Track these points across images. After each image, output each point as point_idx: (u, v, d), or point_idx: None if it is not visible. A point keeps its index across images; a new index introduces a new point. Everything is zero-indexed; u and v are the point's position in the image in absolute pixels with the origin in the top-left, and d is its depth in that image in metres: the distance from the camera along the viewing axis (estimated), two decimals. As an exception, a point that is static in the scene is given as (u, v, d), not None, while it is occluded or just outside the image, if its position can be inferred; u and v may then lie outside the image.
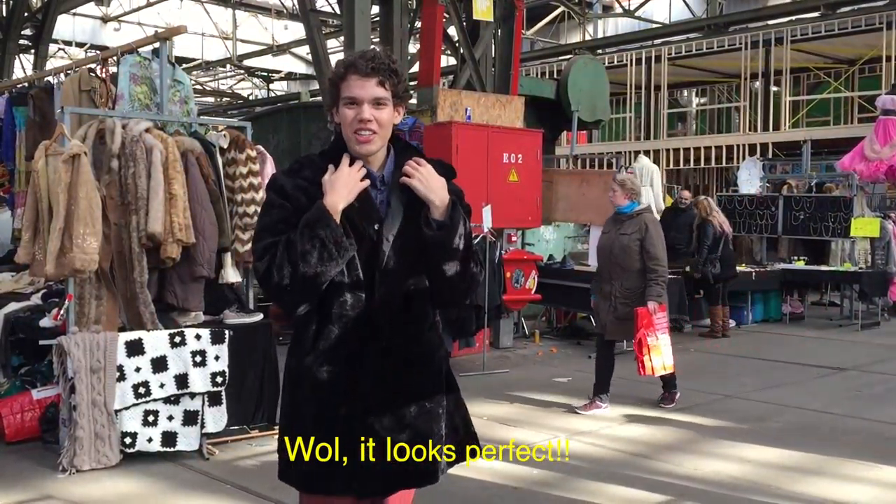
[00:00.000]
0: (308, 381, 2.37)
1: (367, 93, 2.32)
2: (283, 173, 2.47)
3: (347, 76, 2.33)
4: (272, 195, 2.39)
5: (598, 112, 12.08)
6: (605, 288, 6.46)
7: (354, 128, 2.33)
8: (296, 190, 2.36)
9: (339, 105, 2.36)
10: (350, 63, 2.34)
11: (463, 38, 9.61)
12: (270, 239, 2.30)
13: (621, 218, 6.45)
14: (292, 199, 2.34)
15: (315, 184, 2.35)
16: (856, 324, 11.05)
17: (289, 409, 2.44)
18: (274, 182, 2.43)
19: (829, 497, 4.55)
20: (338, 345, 2.35)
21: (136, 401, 4.97)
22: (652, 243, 6.25)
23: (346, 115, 2.34)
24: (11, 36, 15.25)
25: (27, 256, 5.23)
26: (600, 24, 24.64)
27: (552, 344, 9.52)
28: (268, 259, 2.28)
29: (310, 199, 2.32)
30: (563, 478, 4.86)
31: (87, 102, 5.80)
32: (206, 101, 27.64)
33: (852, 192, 11.91)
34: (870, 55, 17.84)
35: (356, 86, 2.32)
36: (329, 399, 2.35)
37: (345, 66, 2.35)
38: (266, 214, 2.39)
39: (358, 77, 2.32)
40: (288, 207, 2.33)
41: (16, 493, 4.49)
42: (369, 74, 2.32)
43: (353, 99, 2.32)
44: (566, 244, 11.78)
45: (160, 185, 5.09)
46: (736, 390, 7.19)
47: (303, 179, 2.38)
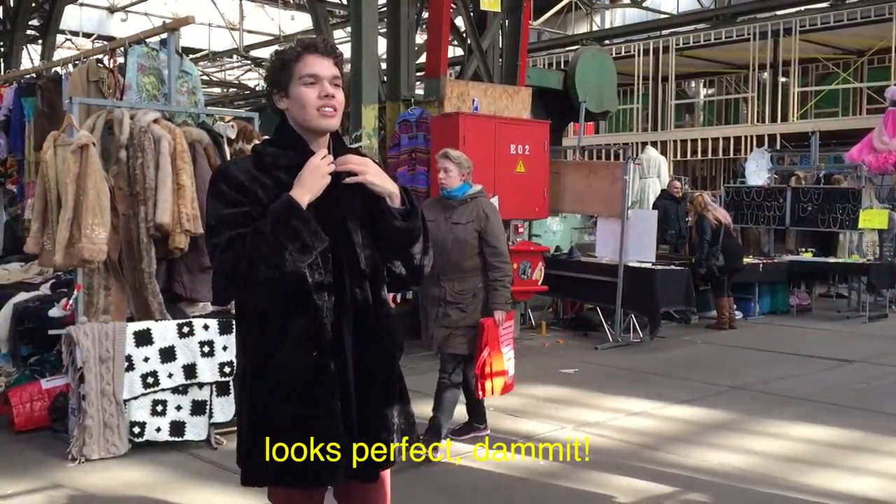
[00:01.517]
0: (283, 375, 2.33)
1: (328, 71, 2.34)
2: (234, 165, 2.44)
3: (304, 55, 2.34)
4: (223, 187, 2.31)
5: (606, 103, 12.05)
6: (432, 291, 5.16)
7: (318, 104, 2.33)
8: (251, 182, 2.31)
9: (291, 86, 2.35)
10: (308, 44, 2.35)
11: (470, 29, 9.58)
12: (231, 232, 2.24)
13: (451, 203, 5.10)
14: (248, 193, 2.30)
15: (271, 175, 2.33)
16: (863, 316, 11.01)
17: (260, 406, 2.38)
18: (225, 173, 2.36)
19: (835, 488, 4.55)
20: (311, 335, 2.32)
21: (144, 390, 5.00)
22: (494, 235, 5.05)
23: (305, 94, 2.33)
24: (19, 26, 15.28)
25: (36, 246, 5.26)
26: (608, 14, 24.55)
27: (559, 335, 9.52)
28: (233, 252, 2.22)
29: (266, 191, 2.30)
30: (570, 469, 4.87)
31: (96, 93, 5.82)
32: (212, 92, 27.64)
33: (860, 183, 11.85)
34: (879, 46, 17.74)
35: (316, 63, 2.33)
36: (309, 392, 2.33)
37: (302, 47, 2.35)
38: (220, 206, 2.30)
39: (317, 56, 2.34)
40: (244, 201, 2.28)
41: (26, 481, 4.52)
42: (327, 53, 2.35)
43: (315, 76, 2.33)
44: (573, 235, 11.78)
45: (168, 175, 5.10)
46: (743, 382, 7.19)
47: (259, 171, 2.35)
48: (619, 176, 9.14)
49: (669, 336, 9.48)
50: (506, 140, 8.58)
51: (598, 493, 4.47)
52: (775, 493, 4.49)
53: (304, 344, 2.32)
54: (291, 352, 2.32)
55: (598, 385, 7.02)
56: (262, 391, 2.37)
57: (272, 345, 2.34)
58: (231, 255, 2.23)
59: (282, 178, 2.34)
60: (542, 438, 5.44)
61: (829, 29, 17.38)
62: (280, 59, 2.37)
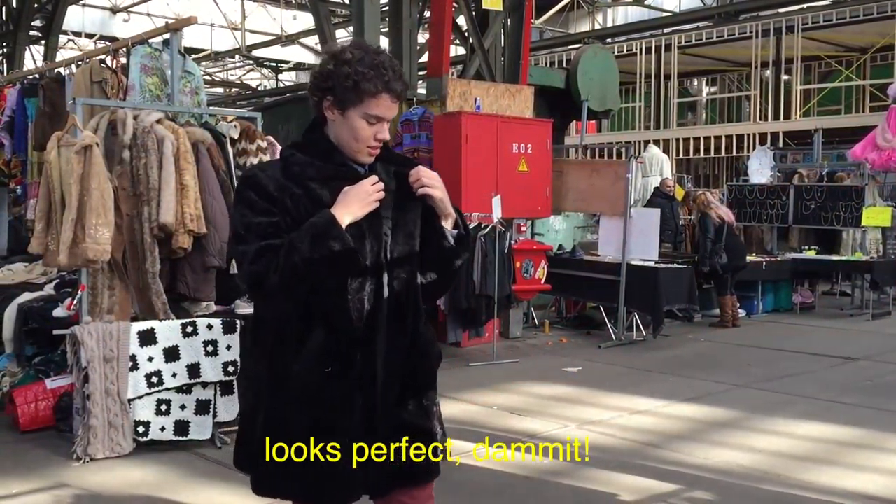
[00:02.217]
0: (297, 390, 2.27)
1: (393, 114, 2.29)
2: (261, 172, 2.31)
3: (382, 96, 2.22)
4: (251, 194, 2.23)
5: (608, 101, 12.03)
6: None
7: (371, 144, 2.27)
8: (280, 192, 2.23)
9: (351, 110, 2.23)
10: (387, 83, 2.22)
11: (472, 28, 9.58)
12: (261, 242, 2.17)
13: None
14: (277, 203, 2.22)
15: (301, 185, 2.25)
16: (867, 313, 11.00)
17: (273, 419, 2.30)
18: (253, 181, 2.26)
19: (839, 486, 4.55)
20: (329, 349, 2.26)
21: (148, 390, 5.01)
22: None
23: (361, 128, 2.24)
24: (22, 27, 15.31)
25: (40, 247, 5.27)
26: (610, 12, 24.52)
27: (562, 334, 9.52)
28: (263, 264, 2.15)
29: (295, 202, 2.22)
30: (574, 467, 4.87)
31: (99, 93, 5.83)
32: (215, 92, 27.68)
33: (864, 181, 11.84)
34: (882, 43, 17.72)
35: (387, 107, 2.25)
36: (324, 412, 2.27)
37: (383, 83, 2.21)
38: (248, 214, 2.22)
39: (391, 99, 2.25)
40: (273, 211, 2.21)
41: (31, 481, 4.53)
42: (400, 98, 2.28)
43: (380, 118, 2.25)
44: (576, 234, 11.77)
45: (171, 175, 5.11)
46: (746, 380, 7.18)
47: (287, 179, 2.25)
48: (621, 174, 9.13)
49: (673, 334, 9.48)
50: (508, 139, 8.58)
51: (602, 492, 4.47)
52: (780, 490, 4.49)
53: (321, 357, 2.25)
54: (309, 365, 2.25)
55: (602, 383, 7.02)
56: (280, 401, 2.29)
57: (290, 356, 2.27)
58: (260, 268, 2.16)
59: (312, 189, 2.25)
60: (546, 437, 5.44)
61: (832, 26, 17.36)
62: (354, 79, 2.20)
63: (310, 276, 2.16)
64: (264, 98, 24.09)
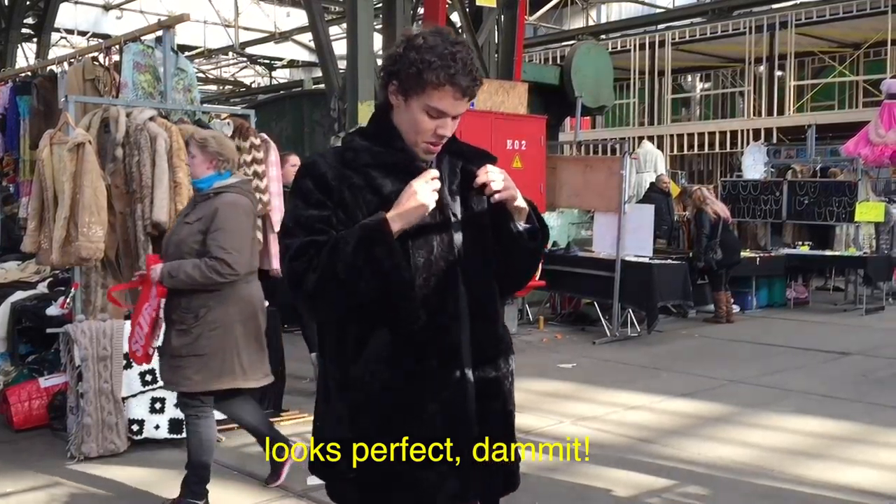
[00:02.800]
0: (363, 394, 2.13)
1: (457, 111, 2.12)
2: (321, 158, 2.16)
3: (445, 87, 2.06)
4: (309, 183, 2.10)
5: (602, 98, 12.05)
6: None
7: (429, 139, 2.12)
8: (338, 181, 2.10)
9: (413, 100, 2.09)
10: (452, 75, 2.05)
11: (466, 25, 9.58)
12: (307, 237, 2.05)
13: (196, 198, 4.12)
14: (333, 193, 2.09)
15: (361, 173, 2.11)
16: (860, 308, 11.03)
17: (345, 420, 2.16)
18: (313, 167, 2.13)
19: (833, 480, 4.56)
20: (395, 354, 2.11)
21: (143, 388, 5.00)
22: (222, 238, 3.87)
23: (423, 123, 2.10)
24: (14, 24, 15.24)
25: (33, 245, 5.25)
26: (604, 8, 24.51)
27: (557, 330, 9.53)
28: (305, 261, 2.03)
29: (353, 192, 2.10)
30: (569, 463, 4.88)
31: (92, 91, 5.81)
32: (208, 90, 27.59)
33: (857, 176, 11.88)
34: (875, 39, 17.75)
35: (451, 103, 2.09)
36: (392, 418, 2.12)
37: (447, 76, 2.05)
38: (300, 206, 2.10)
39: (457, 94, 2.09)
40: (326, 204, 2.08)
41: (25, 479, 4.53)
42: (468, 94, 2.10)
43: (442, 113, 2.10)
44: (570, 230, 11.79)
45: (165, 173, 5.10)
46: (740, 375, 7.20)
47: (346, 167, 2.12)
48: (615, 171, 9.14)
49: (667, 330, 9.50)
50: (502, 135, 8.59)
51: (597, 487, 4.48)
52: (773, 485, 4.51)
53: (385, 362, 2.11)
54: (368, 369, 2.11)
55: (597, 379, 7.04)
56: (346, 403, 2.17)
57: (348, 360, 2.14)
58: (301, 265, 2.03)
59: (373, 177, 2.12)
60: (541, 433, 5.45)
61: (825, 22, 17.39)
62: (418, 66, 2.05)
63: (349, 283, 2.02)
64: (258, 95, 24.06)
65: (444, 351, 2.13)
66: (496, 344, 2.26)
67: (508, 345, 2.31)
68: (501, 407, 2.26)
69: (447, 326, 2.13)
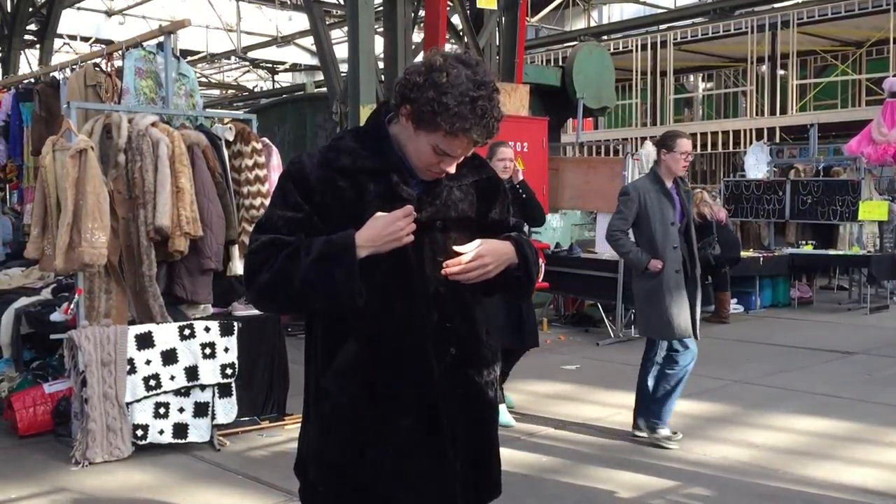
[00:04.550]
0: (328, 407, 2.10)
1: (464, 153, 2.06)
2: (309, 158, 2.09)
3: (457, 136, 1.96)
4: (290, 185, 2.05)
5: (604, 99, 12.04)
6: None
7: (430, 169, 2.05)
8: (322, 183, 2.04)
9: (421, 130, 1.98)
10: (467, 129, 1.94)
11: (467, 27, 9.58)
12: (273, 235, 2.02)
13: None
14: (314, 195, 2.04)
15: (348, 177, 2.04)
16: (864, 307, 11.01)
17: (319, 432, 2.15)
18: (298, 168, 2.07)
19: (838, 480, 4.55)
20: (363, 367, 2.06)
21: (146, 393, 5.01)
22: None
23: (427, 155, 2.02)
24: (17, 31, 15.28)
25: (36, 251, 5.27)
26: (605, 9, 24.51)
27: (560, 332, 9.53)
28: (262, 257, 2.00)
29: (337, 195, 2.04)
30: (573, 465, 4.87)
31: (93, 97, 5.82)
32: (211, 94, 27.65)
33: (860, 175, 11.85)
34: (877, 37, 17.74)
35: (459, 146, 2.00)
36: (354, 436, 2.08)
37: (462, 128, 1.94)
38: (277, 204, 2.07)
39: (469, 143, 2.00)
40: (303, 207, 2.03)
41: (30, 485, 4.53)
42: (477, 143, 2.03)
43: (448, 153, 2.01)
44: (573, 232, 11.78)
45: (167, 178, 5.11)
46: (744, 376, 7.19)
47: (333, 171, 2.05)
48: (618, 172, 9.14)
49: (671, 331, 9.47)
50: (504, 137, 8.50)
51: (601, 489, 4.48)
52: (778, 486, 4.50)
53: (350, 376, 2.06)
54: (338, 383, 2.07)
55: (600, 381, 7.03)
56: (319, 415, 2.14)
57: (318, 372, 2.12)
58: (257, 260, 2.01)
59: (361, 182, 2.05)
60: (545, 435, 5.45)
61: (827, 21, 17.38)
62: (434, 107, 1.93)
63: (298, 294, 1.98)
64: (261, 100, 24.10)
65: (415, 366, 2.07)
66: (472, 356, 2.18)
67: (489, 356, 2.23)
68: (480, 417, 2.21)
69: (420, 345, 2.07)
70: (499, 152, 5.78)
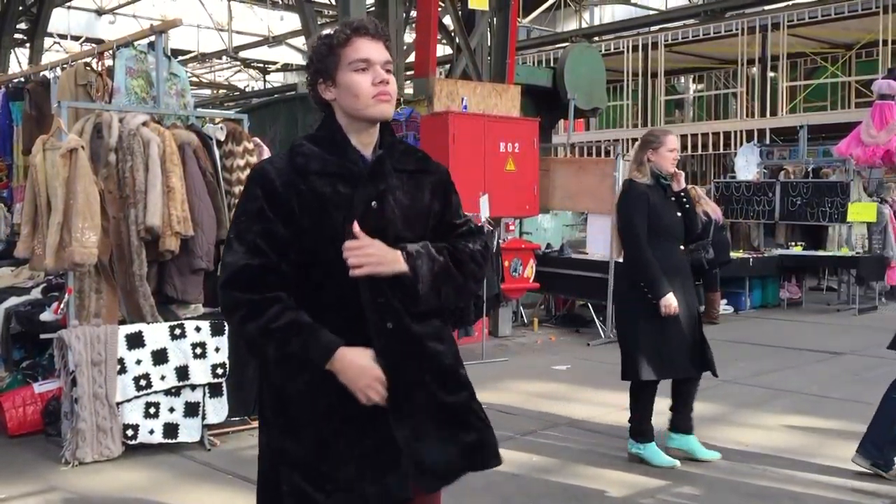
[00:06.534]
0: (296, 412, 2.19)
1: (381, 55, 2.14)
2: (270, 163, 2.16)
3: (353, 39, 2.11)
4: (257, 190, 2.09)
5: (595, 100, 12.08)
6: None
7: (373, 91, 2.11)
8: (286, 188, 2.08)
9: (339, 73, 2.12)
10: (357, 26, 2.12)
11: (458, 27, 9.60)
12: (249, 259, 2.06)
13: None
14: (280, 201, 2.07)
15: (308, 181, 2.09)
16: (853, 308, 11.08)
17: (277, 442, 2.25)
18: (261, 173, 2.12)
19: (826, 480, 4.58)
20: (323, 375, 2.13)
21: (137, 393, 5.00)
22: None
23: (357, 81, 2.10)
24: (7, 30, 15.23)
25: (26, 250, 5.25)
26: (597, 11, 24.58)
27: (551, 332, 9.55)
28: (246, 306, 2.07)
29: (300, 200, 2.07)
30: (563, 464, 4.89)
31: (84, 96, 5.81)
32: (202, 94, 27.59)
33: (849, 177, 11.93)
34: (867, 39, 17.84)
35: (368, 47, 2.12)
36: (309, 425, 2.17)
37: (351, 29, 2.12)
38: (244, 213, 2.11)
39: (369, 39, 2.12)
40: (269, 217, 2.06)
41: (20, 485, 4.52)
42: (379, 36, 2.14)
43: (367, 61, 2.11)
44: (564, 232, 11.81)
45: (158, 178, 5.10)
46: (733, 375, 7.22)
47: (295, 173, 2.10)
48: (608, 172, 9.17)
49: (661, 331, 9.50)
50: (495, 138, 8.60)
51: (591, 488, 4.50)
52: (767, 484, 4.53)
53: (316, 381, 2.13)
54: (304, 387, 2.15)
55: (591, 381, 7.05)
56: (279, 427, 2.22)
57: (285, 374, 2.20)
58: (242, 300, 2.07)
59: (318, 187, 2.09)
60: (536, 434, 5.46)
61: (818, 23, 17.47)
62: (325, 43, 2.13)
63: (274, 360, 2.15)
64: (252, 99, 24.06)
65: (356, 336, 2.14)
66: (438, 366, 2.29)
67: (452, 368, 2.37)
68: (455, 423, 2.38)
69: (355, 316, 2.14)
70: (667, 141, 4.89)
